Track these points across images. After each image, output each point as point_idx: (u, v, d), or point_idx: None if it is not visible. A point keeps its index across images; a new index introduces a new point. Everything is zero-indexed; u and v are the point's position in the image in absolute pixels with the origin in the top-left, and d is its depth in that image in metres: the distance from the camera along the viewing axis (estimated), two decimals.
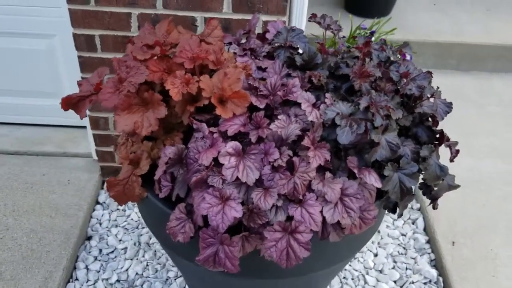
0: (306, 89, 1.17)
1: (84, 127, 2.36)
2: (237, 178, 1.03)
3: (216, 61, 1.23)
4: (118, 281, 1.91)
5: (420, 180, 1.27)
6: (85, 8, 1.77)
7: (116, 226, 2.13)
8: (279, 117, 1.08)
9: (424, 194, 1.26)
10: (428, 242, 2.12)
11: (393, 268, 2.01)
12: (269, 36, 1.36)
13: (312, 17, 1.26)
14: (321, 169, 1.09)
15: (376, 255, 2.06)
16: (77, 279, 1.91)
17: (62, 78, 2.30)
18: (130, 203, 2.23)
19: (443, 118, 1.18)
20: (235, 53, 1.36)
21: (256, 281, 1.22)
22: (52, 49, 2.20)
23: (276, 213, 1.04)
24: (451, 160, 1.27)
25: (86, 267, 1.96)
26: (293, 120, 1.08)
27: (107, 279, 1.91)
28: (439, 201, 1.26)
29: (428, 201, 1.28)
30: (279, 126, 1.07)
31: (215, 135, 1.07)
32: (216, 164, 1.05)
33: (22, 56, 2.23)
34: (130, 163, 1.25)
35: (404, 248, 2.10)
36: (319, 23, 1.26)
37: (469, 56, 3.07)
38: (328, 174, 1.08)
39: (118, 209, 2.20)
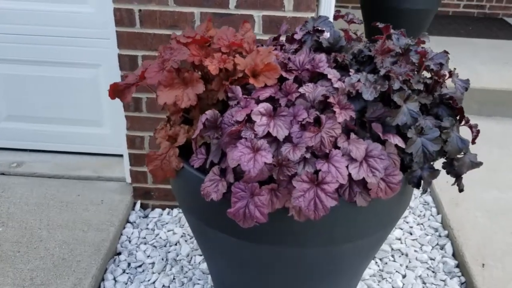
0: (331, 68, 1.28)
1: (120, 155, 2.49)
2: (268, 134, 1.12)
3: (249, 50, 1.37)
4: None
5: (443, 160, 1.33)
6: (131, 30, 1.97)
7: (145, 243, 2.17)
8: (307, 84, 1.18)
9: (448, 172, 1.30)
10: (457, 266, 2.08)
11: None
12: (296, 36, 1.50)
13: (336, 12, 1.41)
14: (346, 132, 1.16)
15: (404, 276, 2.03)
16: None
17: (103, 107, 2.47)
18: (159, 223, 2.29)
19: (462, 94, 1.26)
20: None
21: (282, 250, 1.25)
22: (96, 78, 2.40)
23: (304, 166, 1.10)
24: (473, 141, 1.32)
25: (114, 279, 1.98)
26: (319, 87, 1.18)
27: None
28: (468, 227, 1.27)
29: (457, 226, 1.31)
30: (307, 91, 1.16)
31: (248, 99, 1.18)
32: (249, 121, 1.14)
33: (67, 85, 2.43)
34: (168, 139, 1.35)
35: (433, 271, 2.06)
36: (342, 16, 1.40)
37: (490, 102, 3.17)
38: (353, 135, 1.15)
39: (147, 228, 2.26)
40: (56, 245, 2.05)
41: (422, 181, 1.26)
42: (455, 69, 1.29)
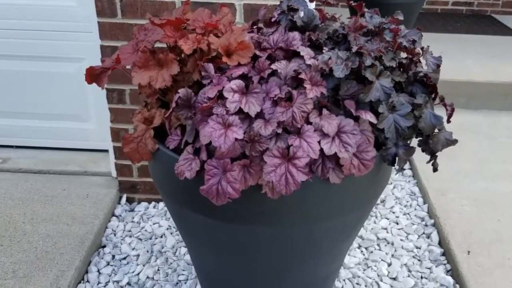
0: (306, 47, 1.28)
1: (106, 150, 2.48)
2: (240, 110, 1.12)
3: (224, 31, 1.37)
4: (128, 283, 1.91)
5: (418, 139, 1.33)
6: (113, 21, 1.97)
7: (130, 236, 2.16)
8: (280, 61, 1.18)
9: (423, 150, 1.30)
10: (443, 254, 2.07)
11: (408, 276, 1.96)
12: (273, 19, 1.50)
13: None
14: (319, 109, 1.16)
15: (390, 264, 2.02)
16: (88, 281, 1.92)
17: (89, 101, 2.46)
18: (145, 217, 2.28)
19: (436, 72, 1.26)
20: None
21: (257, 229, 1.24)
22: (80, 73, 2.39)
23: (276, 142, 1.10)
24: (448, 120, 1.32)
25: (98, 271, 1.97)
26: (292, 63, 1.18)
27: (118, 282, 1.92)
28: (454, 216, 1.25)
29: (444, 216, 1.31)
30: (279, 67, 1.16)
31: (221, 77, 1.17)
32: (222, 98, 1.14)
33: (52, 80, 2.42)
34: (144, 122, 1.35)
35: (419, 259, 2.05)
36: None
37: (477, 95, 3.17)
38: (325, 111, 1.15)
39: (133, 221, 2.25)
40: (39, 238, 2.03)
41: (397, 159, 1.26)
42: (428, 46, 1.29)
